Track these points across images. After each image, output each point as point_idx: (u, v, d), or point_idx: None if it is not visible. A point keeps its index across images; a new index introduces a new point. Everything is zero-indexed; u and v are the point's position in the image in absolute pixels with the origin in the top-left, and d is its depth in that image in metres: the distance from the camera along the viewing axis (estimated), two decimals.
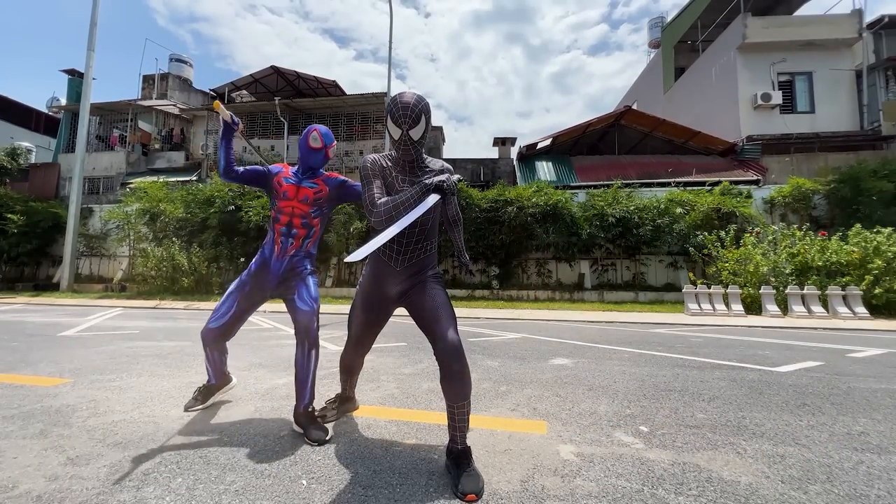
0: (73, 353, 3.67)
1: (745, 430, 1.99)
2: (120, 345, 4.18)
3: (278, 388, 2.60)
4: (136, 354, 3.68)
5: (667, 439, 1.86)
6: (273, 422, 2.01)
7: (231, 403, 2.29)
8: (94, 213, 15.20)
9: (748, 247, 9.10)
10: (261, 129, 18.59)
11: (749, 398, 2.52)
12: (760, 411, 2.28)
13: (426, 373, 3.06)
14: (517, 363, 3.48)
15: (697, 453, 1.71)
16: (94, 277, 14.55)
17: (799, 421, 2.13)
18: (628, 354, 3.95)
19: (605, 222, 11.15)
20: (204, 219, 12.33)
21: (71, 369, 3.06)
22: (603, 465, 1.58)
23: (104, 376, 2.87)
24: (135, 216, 13.06)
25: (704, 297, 8.43)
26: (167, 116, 20.70)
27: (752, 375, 3.13)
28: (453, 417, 1.48)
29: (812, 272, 8.48)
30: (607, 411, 2.24)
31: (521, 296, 11.37)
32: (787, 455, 1.70)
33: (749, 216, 10.86)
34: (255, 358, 3.57)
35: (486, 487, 1.40)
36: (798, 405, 2.40)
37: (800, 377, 3.10)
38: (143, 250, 12.61)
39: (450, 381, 1.45)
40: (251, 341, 4.42)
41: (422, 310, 1.62)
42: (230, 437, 1.82)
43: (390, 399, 2.44)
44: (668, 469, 1.56)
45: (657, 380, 2.94)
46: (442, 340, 1.48)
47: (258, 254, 2.05)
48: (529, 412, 2.24)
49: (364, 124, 17.90)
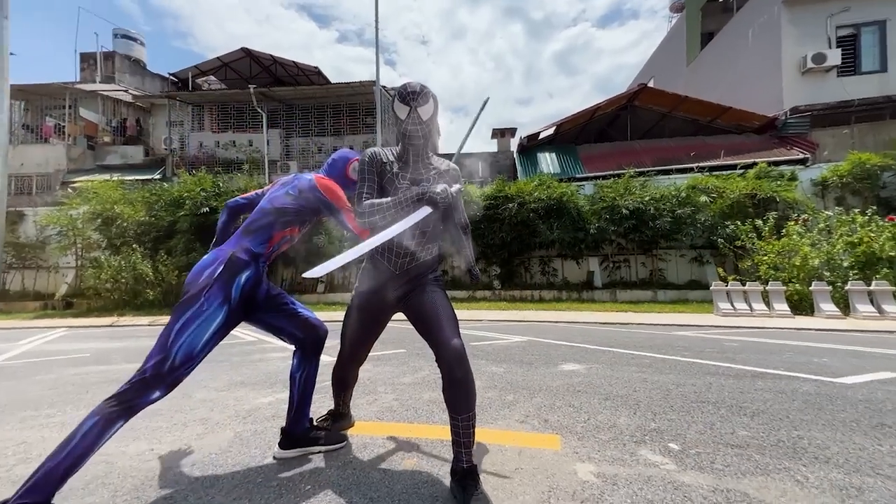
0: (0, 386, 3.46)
1: (803, 453, 1.85)
2: (63, 372, 3.99)
3: (262, 409, 2.56)
4: (86, 382, 3.50)
5: (703, 460, 1.79)
6: (256, 448, 1.97)
7: (206, 431, 2.24)
8: (26, 217, 14.45)
9: (793, 236, 8.69)
10: (235, 121, 18.30)
11: (805, 414, 2.35)
12: (822, 431, 2.11)
13: (427, 382, 3.05)
14: (524, 369, 3.48)
15: (744, 479, 1.61)
16: (27, 294, 13.77)
17: (878, 446, 1.92)
18: (649, 360, 3.95)
19: (617, 215, 11.21)
20: (172, 222, 12.13)
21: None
22: (629, 489, 1.55)
23: (40, 412, 2.67)
24: (82, 221, 12.64)
25: (738, 295, 8.24)
26: (117, 104, 20.04)
27: (808, 387, 2.93)
28: (457, 431, 1.49)
29: (882, 264, 7.90)
30: (629, 425, 2.23)
31: (525, 296, 11.43)
32: (865, 488, 1.54)
33: (793, 201, 10.46)
34: (235, 375, 3.52)
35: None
36: (873, 426, 2.19)
37: (873, 391, 2.84)
38: (94, 260, 12.19)
39: (453, 390, 1.47)
40: (231, 357, 4.36)
41: (422, 314, 1.64)
42: (203, 469, 1.77)
43: (388, 413, 2.43)
44: (708, 497, 1.48)
45: (685, 389, 2.92)
46: (444, 346, 1.50)
47: (248, 269, 1.68)
48: (540, 424, 2.23)
49: (352, 116, 17.75)
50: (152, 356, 1.47)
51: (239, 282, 1.63)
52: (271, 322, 1.82)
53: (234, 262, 1.64)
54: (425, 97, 1.60)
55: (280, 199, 1.81)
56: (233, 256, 1.65)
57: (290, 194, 1.82)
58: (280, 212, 1.78)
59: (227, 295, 1.59)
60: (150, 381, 1.43)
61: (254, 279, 1.70)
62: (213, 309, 1.54)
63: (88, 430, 1.34)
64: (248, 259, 1.68)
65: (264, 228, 1.75)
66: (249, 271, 1.68)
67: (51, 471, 1.29)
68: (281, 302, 1.84)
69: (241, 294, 1.64)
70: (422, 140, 1.65)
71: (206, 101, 18.69)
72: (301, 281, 13.12)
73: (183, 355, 1.48)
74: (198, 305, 1.52)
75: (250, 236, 1.74)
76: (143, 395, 1.43)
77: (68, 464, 1.31)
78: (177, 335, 1.48)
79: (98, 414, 1.37)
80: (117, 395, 1.41)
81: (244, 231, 1.76)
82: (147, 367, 1.45)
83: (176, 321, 1.51)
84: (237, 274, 1.63)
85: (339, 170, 2.00)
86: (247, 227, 1.76)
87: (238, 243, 1.71)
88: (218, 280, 1.58)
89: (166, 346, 1.47)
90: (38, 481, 1.28)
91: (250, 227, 1.76)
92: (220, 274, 1.59)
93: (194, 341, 1.50)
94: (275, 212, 1.78)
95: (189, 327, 1.50)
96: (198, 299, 1.53)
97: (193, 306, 1.52)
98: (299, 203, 1.79)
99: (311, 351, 1.89)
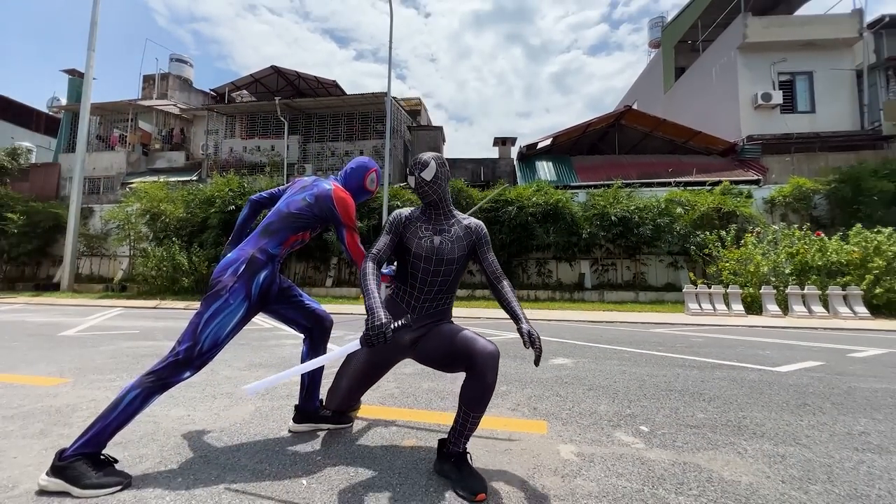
0: (73, 353, 3.67)
1: (745, 429, 1.99)
2: (120, 344, 4.19)
3: (278, 388, 2.60)
4: (137, 354, 3.68)
5: (667, 439, 1.85)
6: (273, 422, 2.01)
7: (231, 403, 2.29)
8: (94, 213, 15.29)
9: (749, 247, 9.11)
10: (261, 129, 18.60)
11: (750, 398, 2.52)
12: (761, 411, 2.27)
13: (426, 372, 3.06)
14: (517, 363, 3.48)
15: (698, 453, 1.71)
16: (94, 277, 14.59)
17: (800, 421, 2.12)
18: (629, 354, 3.95)
19: (607, 222, 11.15)
20: (204, 218, 12.40)
21: (71, 369, 3.07)
22: (603, 465, 1.58)
23: (104, 376, 2.88)
24: (135, 216, 13.10)
25: (705, 296, 8.43)
26: (167, 116, 20.73)
27: (753, 375, 3.12)
28: (465, 424, 1.44)
29: (812, 272, 8.51)
30: (608, 411, 2.24)
31: (522, 295, 11.37)
32: (787, 455, 1.70)
33: (749, 216, 10.88)
34: (255, 357, 3.57)
35: (487, 488, 1.40)
36: (799, 405, 2.39)
37: (800, 377, 3.09)
38: (143, 250, 12.68)
39: (479, 391, 1.39)
40: (251, 341, 4.42)
41: (442, 341, 1.56)
42: (230, 436, 1.82)
43: (390, 399, 2.44)
44: (668, 469, 1.56)
45: (658, 379, 2.94)
46: (482, 352, 1.41)
47: (266, 268, 1.67)
48: (530, 412, 2.24)
49: (364, 124, 17.89)
50: (184, 341, 1.51)
51: (258, 280, 1.64)
52: (283, 313, 1.83)
53: (254, 261, 1.64)
54: (425, 164, 1.63)
55: (297, 203, 1.77)
56: (253, 257, 1.65)
57: (307, 200, 1.77)
58: (295, 217, 1.75)
59: (248, 292, 1.60)
60: (182, 363, 1.49)
61: (270, 277, 1.70)
62: (236, 304, 1.57)
63: (132, 400, 1.42)
64: (265, 259, 1.68)
65: (280, 231, 1.73)
66: (267, 270, 1.68)
67: (102, 430, 1.40)
68: (291, 294, 1.84)
69: (260, 290, 1.65)
70: (433, 196, 1.65)
71: (238, 112, 18.95)
72: (311, 275, 13.25)
73: (210, 342, 1.52)
74: (223, 300, 1.55)
75: (267, 237, 1.71)
76: (176, 374, 1.48)
77: (115, 425, 1.41)
78: (205, 325, 1.52)
79: (139, 386, 1.44)
80: (155, 372, 1.46)
81: (263, 232, 1.73)
82: (180, 350, 1.49)
83: (205, 311, 1.54)
84: (256, 273, 1.64)
85: (358, 180, 1.92)
86: (266, 229, 1.74)
87: (257, 244, 1.69)
88: (241, 278, 1.60)
89: (196, 334, 1.51)
90: (91, 438, 1.38)
91: (269, 229, 1.73)
92: (242, 272, 1.61)
93: (220, 331, 1.54)
94: (291, 217, 1.75)
95: (216, 318, 1.53)
96: (223, 294, 1.56)
97: (220, 300, 1.55)
98: (313, 211, 1.76)
99: (318, 339, 1.90)
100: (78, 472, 1.32)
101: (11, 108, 24.27)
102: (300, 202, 1.77)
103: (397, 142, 16.96)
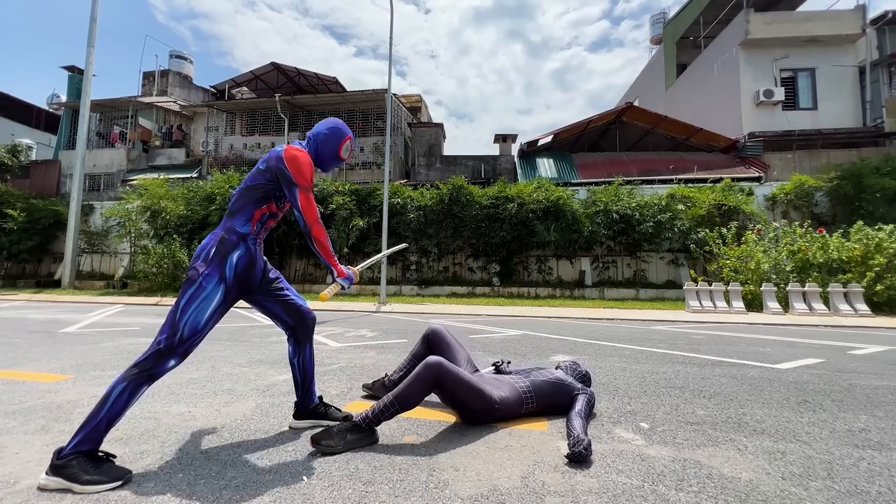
0: (75, 350, 3.68)
1: (745, 426, 1.99)
2: (121, 341, 4.19)
3: (279, 385, 2.60)
4: (138, 351, 3.67)
5: (667, 436, 1.85)
6: (274, 418, 2.01)
7: (232, 400, 2.30)
8: (95, 210, 15.27)
9: (749, 244, 9.09)
10: (261, 125, 18.56)
11: (750, 395, 2.51)
12: (761, 408, 2.27)
13: None
14: (518, 360, 3.48)
15: (698, 450, 1.71)
16: (95, 274, 14.60)
17: (800, 418, 2.12)
18: (629, 351, 3.94)
19: (608, 219, 11.13)
20: (205, 216, 12.39)
21: (72, 366, 3.08)
22: (603, 462, 1.58)
23: (105, 372, 2.88)
24: (136, 213, 13.10)
25: (706, 294, 8.41)
26: (167, 113, 20.68)
27: (753, 372, 3.12)
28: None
29: (813, 269, 8.49)
30: (608, 408, 2.23)
31: (522, 293, 11.38)
32: (787, 452, 1.70)
33: (751, 213, 10.85)
34: (256, 354, 3.57)
35: (487, 483, 1.40)
36: (799, 402, 2.39)
37: (801, 374, 3.09)
38: (144, 247, 12.66)
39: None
40: (252, 337, 4.42)
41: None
42: (231, 433, 1.82)
43: None
44: (668, 465, 1.56)
45: (658, 376, 2.94)
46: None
47: (238, 249, 1.62)
48: None
49: (364, 121, 17.85)
50: (164, 331, 1.50)
51: (231, 261, 1.59)
52: (267, 305, 1.78)
53: (223, 243, 1.60)
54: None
55: (252, 176, 1.70)
56: (222, 238, 1.61)
57: (260, 169, 1.69)
58: (253, 188, 1.67)
59: (223, 274, 1.57)
60: (164, 352, 1.48)
61: (246, 258, 1.63)
62: (211, 288, 1.54)
63: (119, 394, 1.41)
64: (236, 240, 1.62)
65: (244, 208, 1.66)
66: (240, 251, 1.62)
67: (95, 426, 1.39)
68: (276, 287, 1.79)
69: (235, 273, 1.60)
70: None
71: (238, 109, 18.89)
72: (312, 272, 13.25)
73: (190, 330, 1.50)
74: (197, 285, 1.53)
75: (233, 217, 1.66)
76: (160, 364, 1.47)
77: (107, 421, 1.41)
78: (182, 312, 1.50)
79: (125, 380, 1.43)
80: (139, 364, 1.46)
81: (228, 213, 1.68)
82: (161, 340, 1.48)
83: (181, 299, 1.52)
84: (228, 254, 1.59)
85: (332, 148, 1.79)
86: (230, 210, 1.68)
87: (224, 225, 1.65)
88: (212, 262, 1.56)
89: (174, 323, 1.49)
90: (85, 435, 1.38)
91: (233, 209, 1.68)
92: (213, 256, 1.57)
93: (198, 317, 1.51)
94: (249, 190, 1.68)
95: (192, 304, 1.51)
96: (197, 279, 1.54)
97: (193, 286, 1.53)
98: (266, 176, 1.66)
99: (302, 337, 1.85)
100: (76, 470, 1.32)
101: (11, 105, 24.19)
102: (255, 173, 1.71)
103: (398, 139, 16.93)
